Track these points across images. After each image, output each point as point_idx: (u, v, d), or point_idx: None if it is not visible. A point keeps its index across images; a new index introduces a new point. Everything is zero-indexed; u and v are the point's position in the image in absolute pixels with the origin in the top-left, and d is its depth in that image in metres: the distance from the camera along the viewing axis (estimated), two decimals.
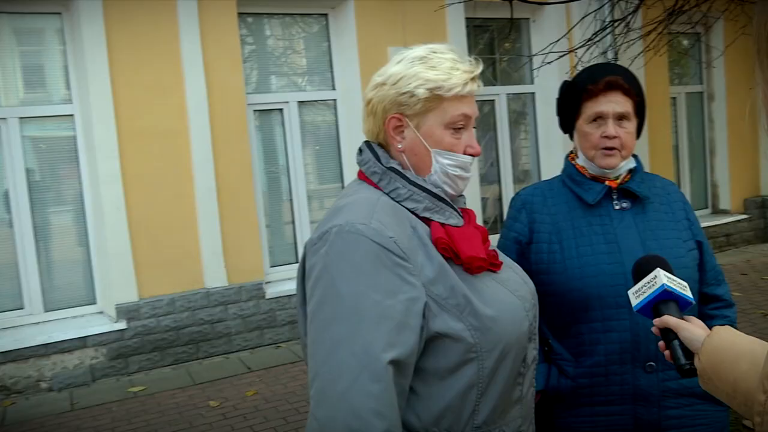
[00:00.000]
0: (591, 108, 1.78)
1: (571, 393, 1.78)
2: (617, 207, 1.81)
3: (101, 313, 5.54)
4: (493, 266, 1.39)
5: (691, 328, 1.26)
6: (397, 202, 1.35)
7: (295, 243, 6.36)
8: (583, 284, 1.73)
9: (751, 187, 9.09)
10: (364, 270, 1.21)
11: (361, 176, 1.42)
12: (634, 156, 1.87)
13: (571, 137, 1.92)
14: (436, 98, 1.33)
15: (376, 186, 1.38)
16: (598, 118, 1.77)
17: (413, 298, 1.22)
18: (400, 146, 1.38)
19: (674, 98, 8.61)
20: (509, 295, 1.38)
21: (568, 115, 1.87)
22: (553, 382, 1.80)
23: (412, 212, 1.34)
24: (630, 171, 1.85)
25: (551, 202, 1.87)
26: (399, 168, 1.37)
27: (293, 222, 6.35)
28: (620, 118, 1.77)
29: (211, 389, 4.98)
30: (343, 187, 6.43)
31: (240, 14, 5.92)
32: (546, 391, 1.81)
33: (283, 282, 6.14)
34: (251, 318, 5.84)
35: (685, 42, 8.70)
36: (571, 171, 1.88)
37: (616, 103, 1.76)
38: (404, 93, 1.34)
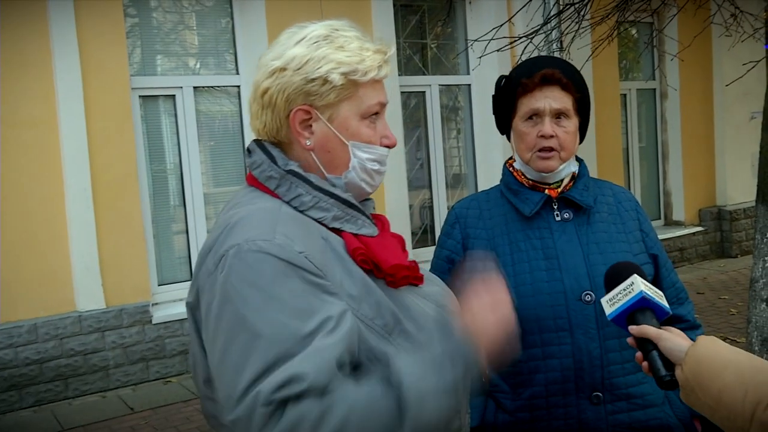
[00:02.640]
0: (526, 104, 1.86)
1: (510, 429, 1.82)
2: (558, 218, 1.88)
3: None
4: (416, 279, 1.41)
5: (672, 338, 1.36)
6: (301, 212, 1.34)
7: (189, 256, 6.33)
8: (519, 305, 1.74)
9: (706, 196, 9.52)
10: (274, 294, 1.19)
11: (252, 182, 1.41)
12: (580, 160, 1.94)
13: (509, 138, 1.98)
14: (351, 84, 1.34)
15: (272, 194, 1.36)
16: (534, 115, 1.85)
17: (334, 318, 1.20)
18: (308, 143, 1.37)
19: (624, 95, 8.94)
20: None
21: (504, 114, 1.94)
22: (489, 418, 1.85)
23: (320, 222, 1.34)
24: (573, 178, 1.91)
25: (487, 215, 1.94)
26: (300, 171, 1.36)
27: (186, 231, 6.33)
28: (558, 115, 1.84)
29: None
30: None
31: None
32: (482, 427, 1.84)
33: (173, 304, 6.08)
34: (134, 347, 5.75)
35: (634, 32, 9.00)
36: (508, 179, 1.96)
37: (552, 99, 1.83)
38: (314, 80, 1.32)
